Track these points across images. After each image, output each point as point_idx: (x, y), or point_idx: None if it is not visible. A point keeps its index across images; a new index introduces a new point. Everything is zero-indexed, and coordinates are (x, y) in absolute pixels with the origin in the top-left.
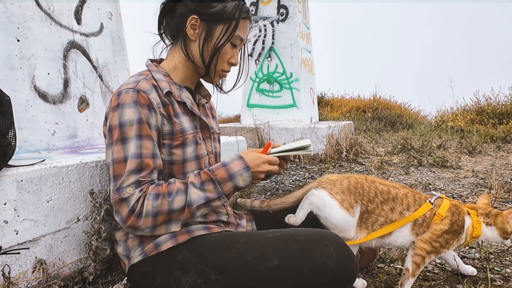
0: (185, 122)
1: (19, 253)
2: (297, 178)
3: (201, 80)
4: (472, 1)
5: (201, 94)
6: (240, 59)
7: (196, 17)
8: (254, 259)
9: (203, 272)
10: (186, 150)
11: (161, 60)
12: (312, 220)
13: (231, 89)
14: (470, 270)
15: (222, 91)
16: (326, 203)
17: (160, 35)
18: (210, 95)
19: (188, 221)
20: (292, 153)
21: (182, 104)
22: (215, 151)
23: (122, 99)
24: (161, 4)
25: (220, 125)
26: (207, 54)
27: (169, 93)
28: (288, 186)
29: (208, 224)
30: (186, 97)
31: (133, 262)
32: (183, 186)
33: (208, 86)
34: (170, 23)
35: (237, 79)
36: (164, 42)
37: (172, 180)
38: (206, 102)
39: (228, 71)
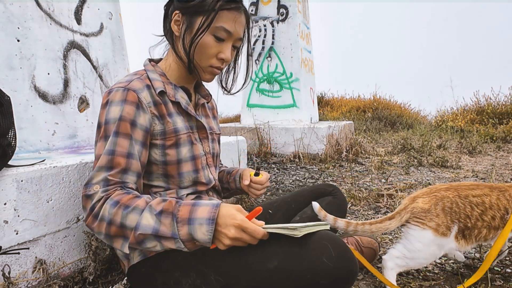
0: (178, 122)
1: (19, 253)
2: (297, 178)
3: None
4: (472, 1)
5: (201, 94)
6: (247, 60)
7: (178, 12)
8: (254, 259)
9: (203, 272)
10: (180, 150)
11: (160, 60)
12: (312, 219)
13: (238, 91)
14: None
15: (226, 92)
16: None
17: (165, 35)
18: (210, 95)
19: (136, 248)
20: (295, 232)
21: (176, 104)
22: (212, 152)
23: (112, 97)
24: (164, 7)
25: (220, 125)
26: (188, 48)
27: (162, 93)
28: (288, 186)
29: None
30: (181, 97)
31: (132, 262)
32: (143, 206)
33: (209, 86)
34: (165, 24)
35: (245, 81)
36: (169, 42)
37: (143, 196)
38: (207, 102)
39: (219, 67)
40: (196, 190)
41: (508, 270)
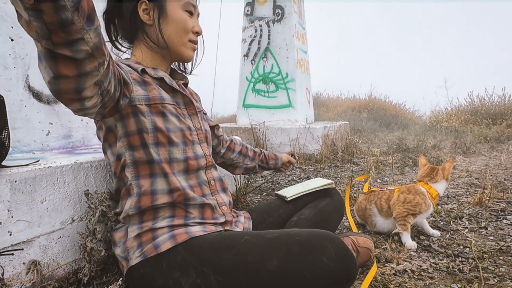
0: (163, 93)
1: (13, 254)
2: (293, 178)
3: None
4: (467, 1)
5: (177, 78)
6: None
7: (144, 0)
8: (254, 260)
9: (202, 272)
10: (168, 119)
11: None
12: (311, 220)
13: (194, 68)
14: (434, 232)
15: (187, 72)
16: None
17: (112, 42)
18: (187, 78)
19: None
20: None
21: (159, 80)
22: (204, 129)
23: None
24: (103, 15)
25: None
26: (169, 32)
27: (143, 71)
28: (284, 186)
29: (207, 225)
30: (163, 75)
31: (131, 264)
32: None
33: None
34: (122, 24)
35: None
36: (120, 49)
37: None
38: (185, 85)
39: (195, 41)
40: (188, 168)
41: (502, 269)
